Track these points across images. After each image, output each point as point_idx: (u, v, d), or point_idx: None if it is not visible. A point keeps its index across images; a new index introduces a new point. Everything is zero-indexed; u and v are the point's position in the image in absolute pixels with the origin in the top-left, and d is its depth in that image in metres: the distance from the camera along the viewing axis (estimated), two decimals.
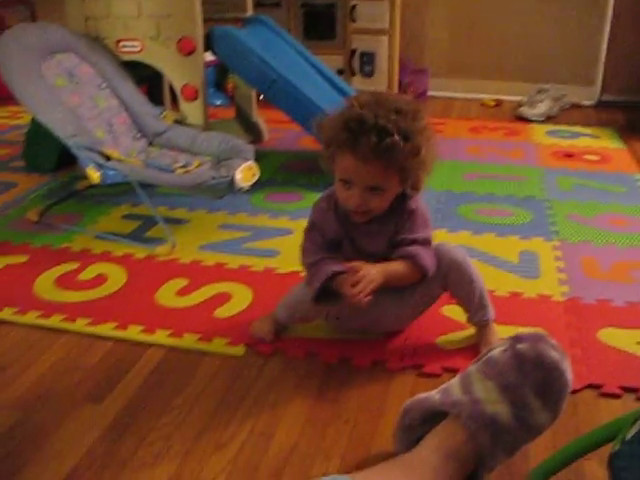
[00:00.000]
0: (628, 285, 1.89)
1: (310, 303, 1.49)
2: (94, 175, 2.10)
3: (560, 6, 4.01)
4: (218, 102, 4.03)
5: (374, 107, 1.34)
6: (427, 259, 1.47)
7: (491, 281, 1.85)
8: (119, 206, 2.47)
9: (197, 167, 2.30)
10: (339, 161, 1.40)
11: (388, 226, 1.49)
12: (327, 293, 1.45)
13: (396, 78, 3.88)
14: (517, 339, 1.18)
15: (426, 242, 1.49)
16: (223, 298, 1.81)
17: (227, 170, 2.13)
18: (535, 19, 4.08)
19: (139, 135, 2.52)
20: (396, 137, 1.32)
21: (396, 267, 1.45)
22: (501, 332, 1.57)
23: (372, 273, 1.38)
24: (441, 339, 1.62)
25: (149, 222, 2.28)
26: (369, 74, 3.88)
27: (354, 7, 3.82)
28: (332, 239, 1.51)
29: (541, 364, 1.12)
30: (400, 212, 1.47)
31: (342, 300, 1.43)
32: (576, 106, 4.06)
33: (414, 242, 1.48)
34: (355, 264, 1.40)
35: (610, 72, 4.07)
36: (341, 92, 2.88)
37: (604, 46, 4.04)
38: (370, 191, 1.39)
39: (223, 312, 1.75)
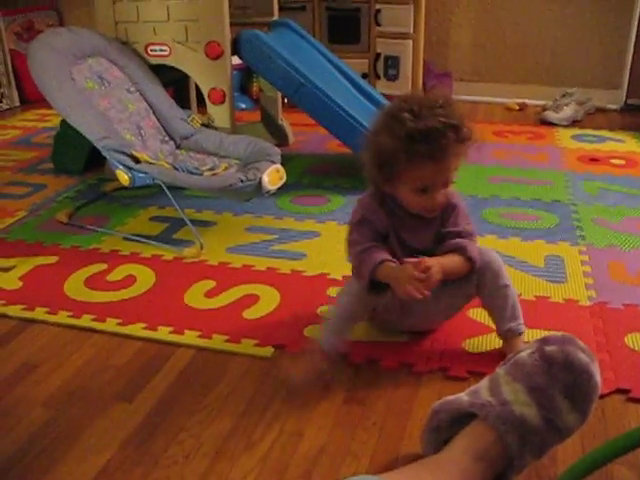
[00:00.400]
0: None
1: (356, 297, 1.50)
2: (124, 177, 2.13)
3: (585, 10, 4.00)
4: (243, 106, 4.06)
5: (422, 112, 1.35)
6: (474, 251, 1.50)
7: (517, 285, 1.84)
8: (147, 208, 2.50)
9: (224, 170, 2.32)
10: (413, 173, 1.39)
11: (434, 220, 1.51)
12: (374, 284, 1.45)
13: (420, 82, 3.89)
14: (545, 341, 1.18)
15: (471, 235, 1.52)
16: (251, 300, 1.83)
17: (254, 173, 2.14)
18: (560, 23, 4.07)
19: (167, 138, 2.55)
20: (465, 127, 1.37)
21: (449, 261, 1.46)
22: (528, 336, 1.57)
23: (436, 268, 1.38)
24: (467, 342, 1.63)
25: (176, 224, 2.31)
26: (393, 78, 3.89)
27: (379, 11, 3.83)
28: (380, 234, 1.51)
29: (570, 366, 1.12)
30: (444, 206, 1.49)
31: (389, 291, 1.44)
32: (601, 110, 4.04)
33: (459, 235, 1.50)
34: (420, 258, 1.39)
35: (636, 76, 4.04)
36: (367, 96, 2.90)
37: (630, 50, 4.01)
38: (444, 187, 1.42)
39: (251, 314, 1.76)
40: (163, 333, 1.69)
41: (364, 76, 3.93)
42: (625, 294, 1.85)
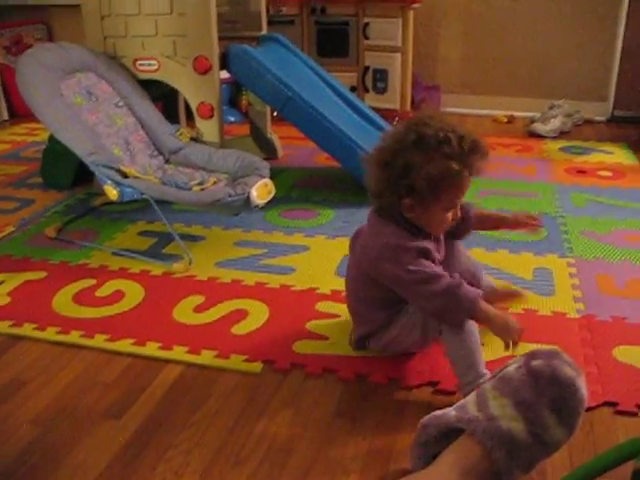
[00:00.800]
0: None
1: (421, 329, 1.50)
2: (112, 192, 2.13)
3: (572, 23, 4.03)
4: (232, 119, 4.07)
5: (446, 132, 1.36)
6: None
7: None
8: (135, 223, 2.49)
9: (213, 184, 2.32)
10: (457, 191, 1.41)
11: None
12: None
13: (409, 95, 3.91)
14: (532, 356, 1.19)
15: None
16: (240, 315, 1.83)
17: (243, 187, 2.15)
18: (547, 36, 4.10)
19: (156, 153, 2.55)
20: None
21: None
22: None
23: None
24: None
25: (165, 239, 2.31)
26: (382, 91, 3.91)
27: (367, 25, 3.86)
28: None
29: (556, 381, 1.13)
30: None
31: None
32: (589, 122, 4.07)
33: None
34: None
35: (622, 88, 4.07)
36: (356, 109, 2.91)
37: (616, 62, 4.05)
38: None
39: (240, 329, 1.76)
40: (152, 349, 1.68)
41: (353, 89, 3.96)
42: (613, 306, 1.86)
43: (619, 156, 3.30)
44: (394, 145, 1.41)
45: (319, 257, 2.17)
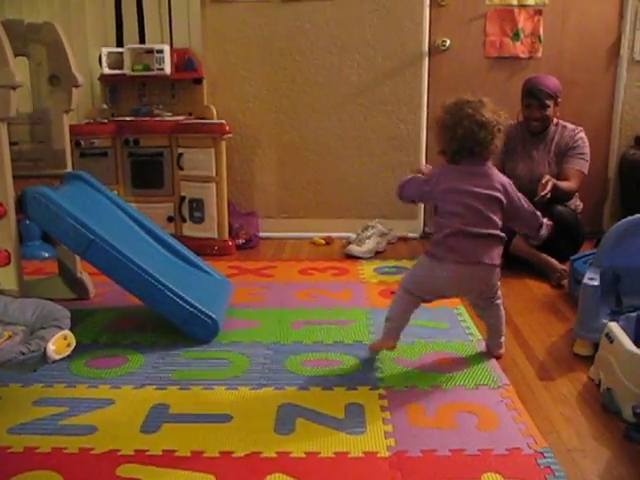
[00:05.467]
0: (452, 431, 1.91)
1: None
2: None
3: (376, 148, 4.30)
4: (46, 254, 3.87)
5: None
6: None
7: (316, 442, 1.83)
8: None
9: (8, 339, 2.16)
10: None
11: None
12: None
13: (226, 223, 3.92)
14: None
15: None
16: None
17: (38, 343, 2.00)
18: (356, 160, 4.33)
19: None
20: None
21: None
22: None
23: None
24: None
25: None
26: (199, 220, 3.90)
27: (181, 155, 3.88)
28: None
29: None
30: None
31: None
32: (403, 239, 4.25)
33: None
34: None
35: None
36: (164, 244, 2.87)
37: None
38: None
39: None
40: None
41: (170, 219, 3.94)
42: (423, 439, 1.86)
43: None
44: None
45: (124, 412, 2.04)
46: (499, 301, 2.39)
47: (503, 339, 2.44)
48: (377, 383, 2.20)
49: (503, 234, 2.23)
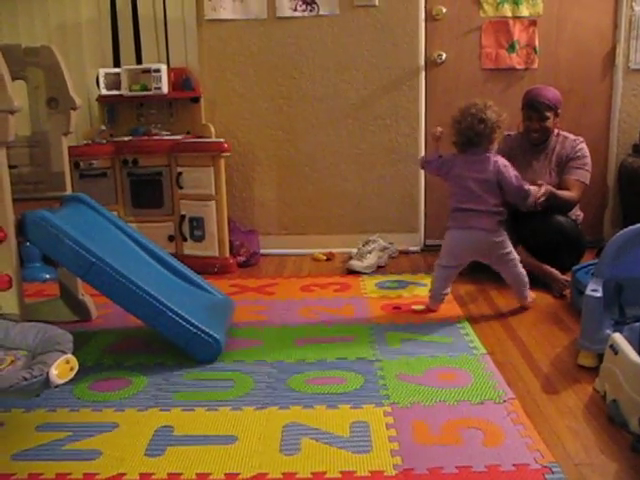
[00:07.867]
0: (458, 447, 1.89)
1: None
2: None
3: (372, 160, 4.31)
4: (47, 276, 3.87)
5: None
6: None
7: (322, 462, 1.82)
8: None
9: (10, 364, 2.15)
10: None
11: None
12: None
13: (227, 241, 3.91)
14: None
15: None
16: None
17: (41, 368, 1.99)
18: (356, 175, 4.32)
19: None
20: None
21: None
22: None
23: None
24: None
25: None
26: (200, 239, 3.90)
27: (180, 174, 3.88)
28: None
29: None
30: None
31: None
32: (404, 253, 4.24)
33: None
34: None
35: (430, 218, 4.33)
36: (165, 264, 2.86)
37: (422, 195, 4.31)
38: None
39: None
40: None
41: (171, 239, 3.93)
42: (429, 456, 1.85)
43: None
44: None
45: (128, 435, 2.02)
46: (513, 261, 2.97)
47: (527, 292, 3.06)
48: (382, 400, 2.19)
49: (497, 209, 2.89)
